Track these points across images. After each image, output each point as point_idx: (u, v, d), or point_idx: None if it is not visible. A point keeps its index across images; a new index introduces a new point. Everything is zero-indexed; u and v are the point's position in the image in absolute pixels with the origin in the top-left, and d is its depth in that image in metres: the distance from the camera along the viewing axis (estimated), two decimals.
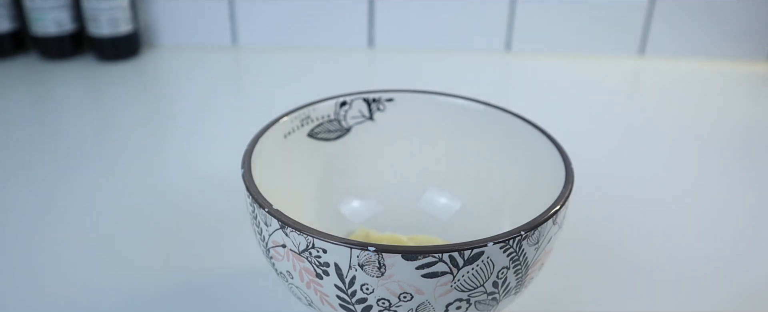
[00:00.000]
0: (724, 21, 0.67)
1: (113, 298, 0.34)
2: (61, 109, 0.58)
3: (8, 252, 0.37)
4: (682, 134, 0.54)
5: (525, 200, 0.32)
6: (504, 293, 0.26)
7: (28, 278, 0.35)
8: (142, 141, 0.51)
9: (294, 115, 0.33)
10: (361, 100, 0.35)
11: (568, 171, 0.29)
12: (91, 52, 0.66)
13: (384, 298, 0.24)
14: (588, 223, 0.39)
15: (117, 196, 0.43)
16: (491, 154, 0.35)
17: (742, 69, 0.67)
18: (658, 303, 0.34)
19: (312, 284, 0.26)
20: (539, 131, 0.32)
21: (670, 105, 0.60)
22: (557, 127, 0.34)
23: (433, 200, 0.37)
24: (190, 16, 0.68)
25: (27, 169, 0.46)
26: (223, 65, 0.67)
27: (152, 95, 0.62)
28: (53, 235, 0.38)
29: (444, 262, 0.23)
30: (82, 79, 0.62)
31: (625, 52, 0.69)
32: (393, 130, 0.36)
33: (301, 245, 0.24)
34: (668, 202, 0.43)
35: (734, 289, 0.35)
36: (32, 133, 0.52)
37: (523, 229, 0.24)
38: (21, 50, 0.66)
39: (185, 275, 0.35)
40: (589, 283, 0.34)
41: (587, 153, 0.40)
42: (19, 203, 0.42)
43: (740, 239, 0.39)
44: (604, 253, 0.38)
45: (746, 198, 0.44)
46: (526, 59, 0.67)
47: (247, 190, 0.27)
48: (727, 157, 0.51)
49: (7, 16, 0.63)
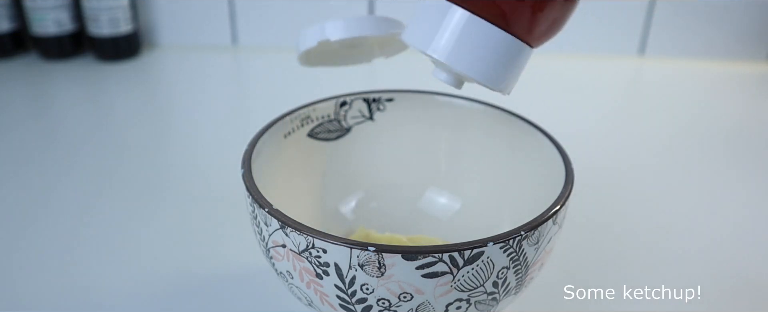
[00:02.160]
0: (724, 21, 0.66)
1: (113, 297, 0.34)
2: (61, 109, 0.58)
3: (8, 252, 0.37)
4: (682, 134, 0.54)
5: (525, 200, 0.32)
6: (504, 293, 0.26)
7: (27, 278, 0.35)
8: (142, 141, 0.51)
9: (294, 115, 0.33)
10: (361, 100, 0.35)
11: (568, 171, 0.29)
12: (91, 52, 0.65)
13: (384, 298, 0.24)
14: (588, 222, 0.39)
15: (117, 196, 0.43)
16: (491, 154, 0.35)
17: (742, 69, 0.67)
18: (659, 303, 0.34)
19: (312, 284, 0.26)
20: (539, 131, 0.32)
21: (670, 105, 0.59)
22: (557, 127, 0.34)
23: (433, 200, 0.37)
24: (190, 16, 0.68)
25: (27, 169, 0.46)
26: (223, 65, 0.67)
27: (152, 95, 0.62)
28: (53, 235, 0.38)
29: (444, 262, 0.23)
30: (82, 79, 0.62)
31: (625, 52, 0.69)
32: (393, 130, 0.36)
33: (301, 245, 0.24)
34: (668, 201, 0.43)
35: (734, 289, 0.35)
36: (32, 133, 0.52)
37: (523, 229, 0.24)
38: (21, 50, 0.66)
39: (185, 275, 0.35)
40: (589, 283, 0.34)
41: (587, 153, 0.40)
42: (18, 203, 0.42)
43: (740, 239, 0.39)
44: (604, 253, 0.38)
45: (746, 198, 0.44)
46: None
47: (247, 190, 0.27)
48: (727, 157, 0.51)
49: (7, 16, 0.63)
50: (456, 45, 0.25)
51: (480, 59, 0.25)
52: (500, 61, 0.25)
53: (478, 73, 0.25)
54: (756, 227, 0.41)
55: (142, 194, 0.43)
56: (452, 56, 0.25)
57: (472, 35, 0.25)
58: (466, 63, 0.25)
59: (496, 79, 0.26)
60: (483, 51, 0.25)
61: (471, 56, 0.25)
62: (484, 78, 0.26)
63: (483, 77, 0.26)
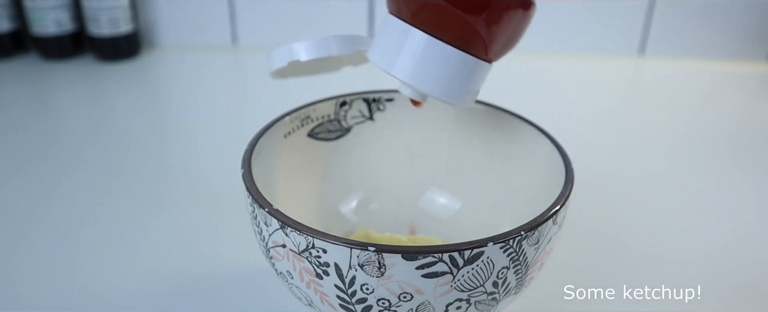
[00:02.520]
0: (724, 21, 0.66)
1: (113, 297, 0.34)
2: (61, 109, 0.58)
3: (8, 252, 0.37)
4: (682, 134, 0.54)
5: (525, 200, 0.32)
6: (504, 293, 0.26)
7: (27, 278, 0.35)
8: (142, 141, 0.51)
9: (294, 115, 0.33)
10: (361, 100, 0.35)
11: (568, 171, 0.29)
12: (91, 52, 0.65)
13: (384, 298, 0.24)
14: (588, 222, 0.39)
15: (117, 197, 0.43)
16: (491, 154, 0.35)
17: (742, 69, 0.67)
18: (659, 303, 0.34)
19: (312, 284, 0.26)
20: (539, 131, 0.32)
21: (670, 105, 0.59)
22: (557, 127, 0.34)
23: (433, 200, 0.37)
24: (190, 16, 0.68)
25: (27, 169, 0.46)
26: (223, 65, 0.67)
27: (152, 95, 0.62)
28: (53, 236, 0.38)
29: (444, 262, 0.23)
30: (82, 79, 0.62)
31: (625, 52, 0.69)
32: (393, 130, 0.36)
33: (301, 245, 0.24)
34: (668, 201, 0.43)
35: (734, 289, 0.35)
36: (32, 133, 0.52)
37: (523, 229, 0.24)
38: (21, 50, 0.66)
39: (185, 275, 0.35)
40: (589, 283, 0.34)
41: (587, 153, 0.40)
42: (19, 203, 0.42)
43: (740, 239, 0.39)
44: (604, 253, 0.37)
45: (746, 198, 0.44)
46: (526, 59, 0.67)
47: (247, 190, 0.27)
48: (727, 157, 0.51)
49: (7, 16, 0.63)
50: (417, 66, 0.27)
51: (440, 78, 0.27)
52: (459, 78, 0.27)
53: (440, 91, 0.27)
54: (756, 227, 0.41)
55: (142, 194, 0.43)
56: (414, 77, 0.27)
57: (432, 56, 0.26)
58: (427, 83, 0.27)
59: (457, 96, 0.27)
60: (443, 70, 0.27)
61: (432, 76, 0.27)
62: (445, 96, 0.27)
63: (444, 95, 0.27)
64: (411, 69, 0.27)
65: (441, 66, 0.26)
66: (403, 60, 0.27)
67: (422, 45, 0.26)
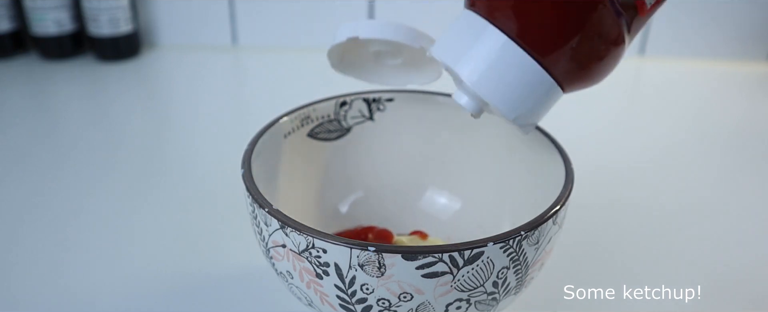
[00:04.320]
0: (724, 21, 0.66)
1: (112, 297, 0.34)
2: (61, 109, 0.58)
3: (7, 251, 0.37)
4: (682, 134, 0.54)
5: (525, 200, 0.32)
6: (504, 293, 0.26)
7: (26, 278, 0.35)
8: (142, 141, 0.51)
9: (294, 115, 0.33)
10: (361, 100, 0.35)
11: (568, 171, 0.29)
12: (91, 52, 0.66)
13: (384, 298, 0.24)
14: (588, 222, 0.39)
15: (116, 196, 0.43)
16: (491, 154, 0.35)
17: (742, 69, 0.67)
18: (659, 303, 0.34)
19: (312, 284, 0.26)
20: (539, 131, 0.32)
21: (670, 105, 0.59)
22: (557, 127, 0.34)
23: (433, 200, 0.37)
24: (190, 16, 0.68)
25: (27, 168, 0.46)
26: (223, 65, 0.67)
27: (152, 95, 0.62)
28: (52, 235, 0.38)
29: (444, 262, 0.23)
30: (82, 79, 0.62)
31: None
32: (393, 130, 0.36)
33: (301, 245, 0.24)
34: (668, 201, 0.43)
35: (734, 289, 0.35)
36: (32, 133, 0.52)
37: (523, 229, 0.24)
38: (21, 50, 0.66)
39: (184, 275, 0.35)
40: (589, 283, 0.34)
41: (587, 153, 0.40)
42: (18, 203, 0.42)
43: (740, 239, 0.39)
44: (604, 253, 0.38)
45: (746, 198, 0.44)
46: None
47: (247, 190, 0.27)
48: (727, 157, 0.51)
49: (7, 16, 0.63)
50: (487, 68, 0.23)
51: (508, 87, 0.23)
52: (529, 95, 0.24)
53: (503, 101, 0.24)
54: (756, 227, 0.41)
55: (142, 194, 0.43)
56: (481, 79, 0.24)
57: (506, 61, 0.23)
58: (492, 88, 0.24)
59: (520, 113, 0.24)
60: (513, 80, 0.23)
61: (500, 83, 0.23)
62: (507, 108, 0.24)
63: (507, 107, 0.24)
64: (479, 70, 0.23)
65: (512, 74, 0.23)
66: (472, 58, 0.23)
67: (498, 45, 0.23)
